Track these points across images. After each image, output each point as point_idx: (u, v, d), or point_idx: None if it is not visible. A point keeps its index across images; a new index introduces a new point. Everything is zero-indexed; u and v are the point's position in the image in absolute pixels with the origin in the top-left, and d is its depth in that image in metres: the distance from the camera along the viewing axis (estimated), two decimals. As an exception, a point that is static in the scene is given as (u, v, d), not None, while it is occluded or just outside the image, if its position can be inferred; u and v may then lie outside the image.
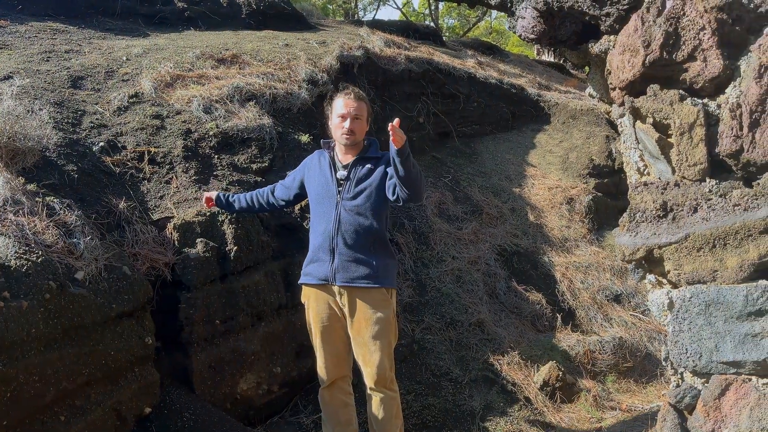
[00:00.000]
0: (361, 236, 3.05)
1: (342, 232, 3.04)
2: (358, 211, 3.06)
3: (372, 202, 3.08)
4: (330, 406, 3.17)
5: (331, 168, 3.17)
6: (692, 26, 2.04)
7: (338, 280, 3.03)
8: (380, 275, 3.05)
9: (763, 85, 1.94)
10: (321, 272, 3.09)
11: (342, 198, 3.08)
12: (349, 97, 3.12)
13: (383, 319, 3.03)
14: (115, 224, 3.53)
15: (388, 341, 3.07)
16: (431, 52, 8.02)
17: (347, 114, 3.09)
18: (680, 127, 2.06)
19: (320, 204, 3.14)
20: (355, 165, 3.14)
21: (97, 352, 2.91)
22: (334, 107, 3.19)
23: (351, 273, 3.02)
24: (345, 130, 3.09)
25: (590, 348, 4.77)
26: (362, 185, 3.09)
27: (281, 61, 5.75)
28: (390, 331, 3.07)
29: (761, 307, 1.89)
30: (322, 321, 3.14)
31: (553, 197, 6.55)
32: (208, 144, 4.39)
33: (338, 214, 3.06)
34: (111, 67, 4.98)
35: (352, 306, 3.05)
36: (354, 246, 3.04)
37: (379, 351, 3.02)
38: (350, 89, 3.18)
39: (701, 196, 2.02)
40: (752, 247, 1.91)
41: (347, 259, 3.03)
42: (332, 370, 3.14)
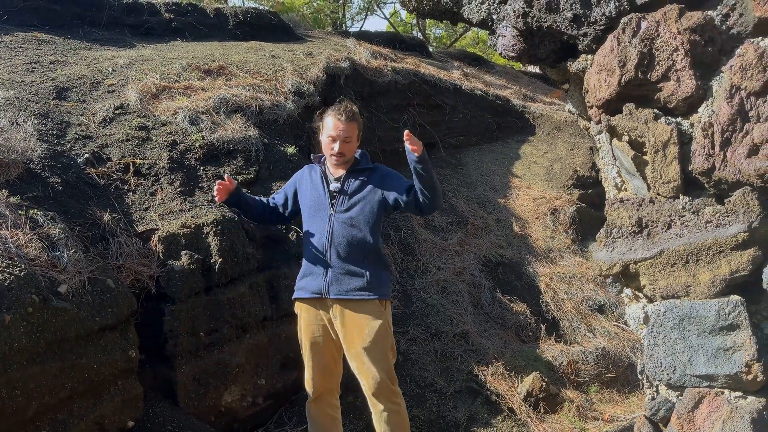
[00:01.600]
0: (355, 248, 3.05)
1: (335, 244, 3.05)
2: (352, 224, 3.06)
3: (365, 215, 3.09)
4: (316, 420, 3.17)
5: (323, 181, 3.18)
6: (666, 47, 2.10)
7: (332, 293, 3.03)
8: (373, 287, 3.04)
9: (734, 105, 2.00)
10: (314, 285, 3.08)
11: (335, 211, 3.09)
12: (339, 118, 3.08)
13: (376, 330, 3.00)
14: (100, 237, 3.53)
15: (383, 353, 3.03)
16: (417, 64, 8.09)
17: (337, 137, 3.08)
18: (655, 145, 2.12)
19: (313, 217, 3.14)
20: (348, 177, 3.15)
21: (79, 366, 2.90)
22: (324, 125, 3.16)
23: (344, 285, 3.03)
24: (334, 152, 3.10)
25: (574, 358, 4.81)
26: (355, 198, 3.10)
27: (268, 72, 5.78)
28: (385, 343, 3.04)
29: (733, 321, 1.94)
30: (312, 334, 3.13)
31: (538, 208, 6.62)
32: (194, 155, 4.40)
33: (331, 227, 3.07)
34: (97, 78, 4.99)
35: (344, 318, 3.04)
36: (347, 258, 3.04)
37: (372, 362, 2.99)
38: (342, 108, 3.12)
39: (675, 212, 2.07)
40: (724, 263, 1.96)
41: (340, 271, 3.04)
42: (319, 384, 3.13)
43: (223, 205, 4.13)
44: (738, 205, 1.95)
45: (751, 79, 1.98)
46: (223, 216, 3.95)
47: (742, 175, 1.96)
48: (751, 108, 1.98)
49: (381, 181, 3.14)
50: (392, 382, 3.08)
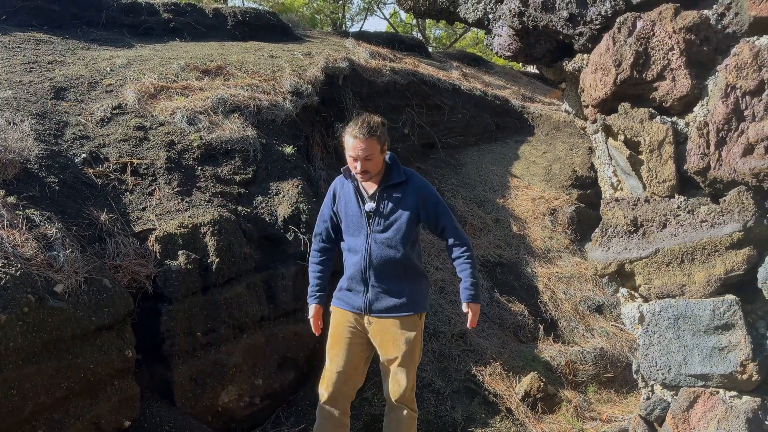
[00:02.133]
0: (393, 268, 3.05)
1: (374, 265, 3.04)
2: (389, 244, 3.04)
3: (402, 234, 3.05)
4: (326, 422, 3.15)
5: (358, 199, 3.13)
6: (661, 46, 2.09)
7: (373, 311, 3.06)
8: (411, 303, 3.07)
9: (729, 105, 2.00)
10: (356, 302, 3.11)
11: (372, 231, 3.07)
12: (357, 139, 2.95)
13: (411, 341, 3.05)
14: (97, 236, 3.53)
15: (413, 361, 3.10)
16: (416, 64, 8.08)
17: (357, 157, 2.98)
18: (650, 145, 2.11)
19: (352, 235, 3.13)
20: (382, 196, 3.08)
21: (76, 366, 2.90)
22: (345, 144, 3.06)
23: (385, 303, 3.05)
24: (358, 171, 3.03)
25: (572, 359, 4.81)
26: (392, 218, 3.06)
27: (266, 72, 5.78)
28: (416, 352, 3.11)
29: (728, 321, 1.93)
30: (343, 339, 3.13)
31: (537, 208, 6.61)
32: (192, 155, 4.40)
33: (369, 247, 3.05)
34: (95, 78, 4.99)
35: (382, 332, 3.08)
36: (386, 277, 3.05)
37: (402, 372, 3.06)
38: (359, 125, 2.97)
39: (670, 212, 2.07)
40: (719, 262, 1.95)
41: (380, 290, 3.06)
42: (338, 387, 3.11)
43: (221, 204, 4.14)
44: (733, 205, 1.95)
45: (747, 78, 1.97)
46: (221, 216, 3.95)
47: (738, 174, 1.95)
48: (747, 107, 1.97)
49: (417, 198, 3.08)
50: (412, 389, 3.15)
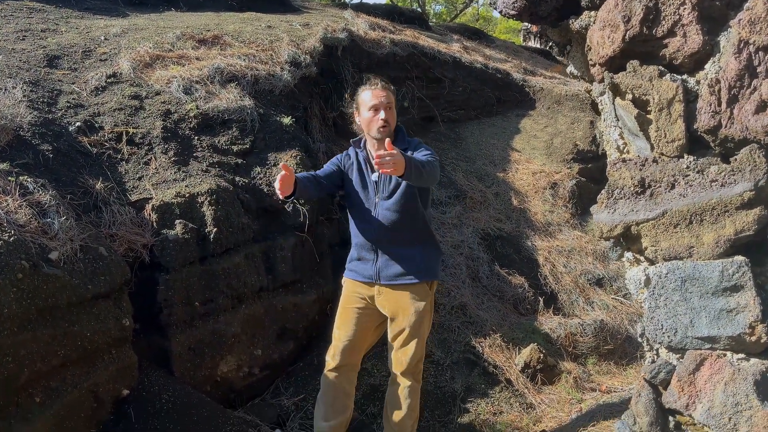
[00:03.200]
0: (402, 233, 3.04)
1: (383, 231, 3.03)
2: (396, 209, 3.03)
3: (408, 198, 3.04)
4: (331, 390, 3.15)
5: (366, 169, 3.13)
6: (672, 1, 2.03)
7: (383, 279, 3.04)
8: (422, 269, 3.05)
9: (742, 61, 1.93)
10: (366, 271, 3.09)
11: (379, 198, 3.06)
12: (376, 87, 3.04)
13: (420, 312, 3.03)
14: (92, 205, 3.47)
15: (422, 333, 3.08)
16: (416, 36, 7.96)
17: (379, 105, 2.99)
18: (659, 103, 2.05)
19: (359, 204, 3.10)
20: None
21: (72, 334, 2.86)
22: (362, 101, 3.09)
23: (395, 270, 3.03)
24: (380, 122, 3.00)
25: (571, 331, 4.79)
26: (398, 182, 3.04)
27: (264, 42, 5.67)
28: (425, 323, 3.09)
29: (737, 282, 1.89)
30: (352, 309, 3.13)
31: (537, 182, 6.56)
32: (188, 125, 4.32)
33: (377, 214, 3.04)
34: (88, 47, 4.89)
35: (392, 302, 3.06)
36: (396, 244, 3.04)
37: (412, 342, 3.04)
38: (375, 80, 3.08)
39: (679, 172, 2.02)
40: (728, 222, 1.91)
41: (390, 257, 3.03)
42: (345, 356, 3.11)
43: (218, 174, 4.08)
44: (744, 163, 1.90)
45: (760, 33, 1.91)
46: (218, 186, 3.89)
47: (750, 132, 1.90)
48: (760, 63, 1.91)
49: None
50: (420, 360, 3.13)
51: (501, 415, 3.88)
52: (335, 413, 3.14)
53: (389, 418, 3.18)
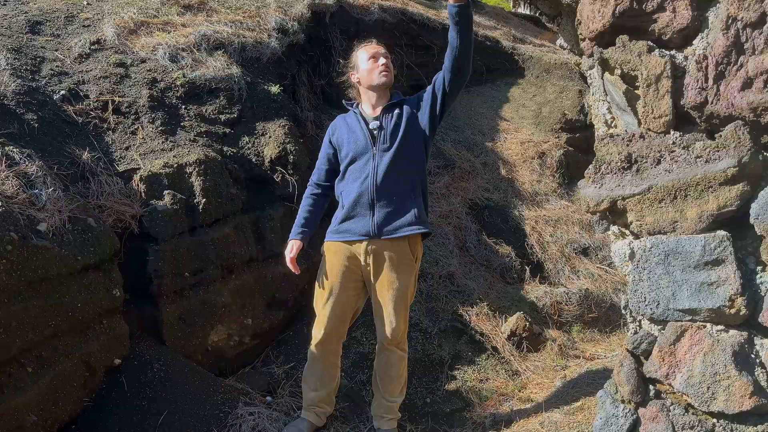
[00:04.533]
0: (401, 185, 3.02)
1: (381, 183, 2.99)
2: (396, 160, 3.01)
3: (409, 149, 3.04)
4: (318, 363, 3.19)
5: (361, 123, 3.12)
6: (663, -24, 2.02)
7: (382, 233, 2.99)
8: (419, 221, 3.04)
9: (730, 37, 1.94)
10: (361, 227, 3.02)
11: (378, 149, 3.02)
12: (371, 42, 3.20)
13: (405, 285, 3.05)
14: (79, 175, 3.45)
15: (406, 303, 3.10)
16: (405, 2, 7.84)
17: (378, 53, 3.11)
18: (647, 79, 2.06)
19: (355, 161, 3.06)
20: (385, 113, 3.09)
21: (63, 305, 2.88)
22: (358, 58, 3.18)
23: (393, 222, 2.99)
24: (381, 66, 3.07)
25: (557, 299, 4.88)
26: (396, 132, 3.03)
27: (250, 8, 5.57)
28: (409, 293, 3.11)
29: (718, 256, 1.94)
30: (340, 279, 3.10)
31: (525, 152, 6.58)
32: (175, 94, 4.28)
33: (376, 166, 3.00)
34: (71, 12, 4.78)
35: (378, 266, 3.03)
36: (395, 195, 3.00)
37: (397, 313, 3.05)
38: (369, 40, 3.25)
39: (665, 148, 2.04)
40: (712, 198, 1.94)
41: (389, 209, 2.99)
42: (331, 329, 3.12)
43: (206, 144, 4.06)
44: (729, 140, 1.93)
45: (748, 9, 1.91)
46: (206, 156, 3.88)
47: (735, 108, 1.92)
48: (747, 40, 1.92)
49: (413, 106, 3.11)
50: (405, 330, 3.16)
51: (487, 382, 3.97)
52: (323, 384, 3.20)
53: (378, 387, 3.25)
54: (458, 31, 2.90)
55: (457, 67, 2.98)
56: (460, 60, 2.95)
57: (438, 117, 3.09)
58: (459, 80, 3.02)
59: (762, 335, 1.95)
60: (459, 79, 3.02)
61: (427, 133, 3.09)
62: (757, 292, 1.93)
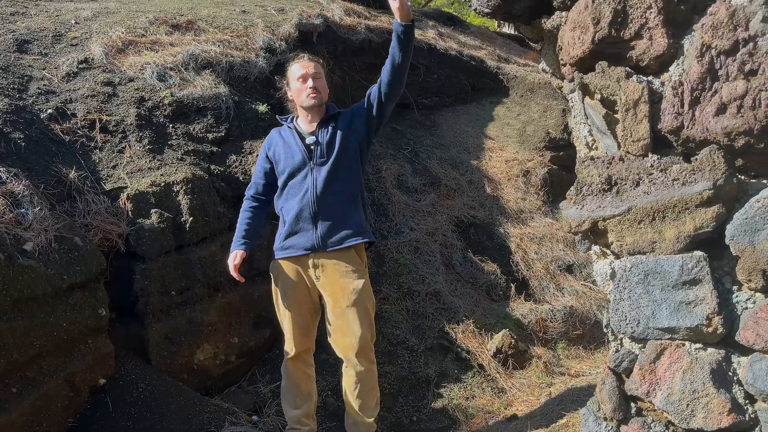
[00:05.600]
0: (341, 197, 3.04)
1: (321, 197, 3.00)
2: (334, 172, 3.03)
3: (346, 161, 3.06)
4: (293, 378, 3.18)
5: (296, 138, 3.12)
6: (640, 5, 2.09)
7: (325, 245, 3.00)
8: (362, 230, 3.07)
9: (704, 64, 2.01)
10: (305, 242, 3.03)
11: (315, 163, 3.04)
12: (303, 59, 3.16)
13: (360, 288, 3.02)
14: (66, 194, 3.46)
15: (366, 309, 3.05)
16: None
17: (307, 74, 3.08)
18: (626, 104, 2.13)
19: (293, 176, 3.08)
20: (320, 127, 3.11)
21: (48, 324, 2.88)
22: (291, 75, 3.17)
23: (336, 234, 3.00)
24: (309, 89, 3.06)
25: (542, 316, 4.92)
26: (333, 145, 3.06)
27: (238, 28, 5.63)
28: (367, 298, 3.07)
29: (695, 276, 1.99)
30: (294, 293, 3.10)
31: (510, 170, 6.66)
32: (163, 113, 4.30)
33: (314, 180, 3.02)
34: (59, 31, 4.81)
35: (329, 277, 3.03)
36: (335, 208, 3.02)
37: (358, 320, 3.00)
38: (302, 54, 3.23)
39: (643, 170, 2.10)
40: (689, 219, 2.00)
41: (331, 222, 3.01)
42: (299, 343, 3.12)
43: (194, 163, 4.08)
44: (704, 163, 1.99)
45: (722, 37, 1.99)
46: (194, 174, 3.89)
47: (710, 133, 1.98)
48: (721, 67, 1.99)
49: (347, 119, 3.13)
50: (372, 338, 3.10)
51: (473, 400, 3.99)
52: (303, 399, 3.18)
53: (352, 406, 3.12)
54: (401, 48, 3.00)
55: (395, 81, 3.07)
56: (399, 74, 3.04)
57: (374, 128, 3.15)
58: (394, 93, 3.11)
59: (739, 353, 2.00)
60: (394, 92, 3.11)
61: (364, 144, 3.14)
62: (733, 311, 1.98)
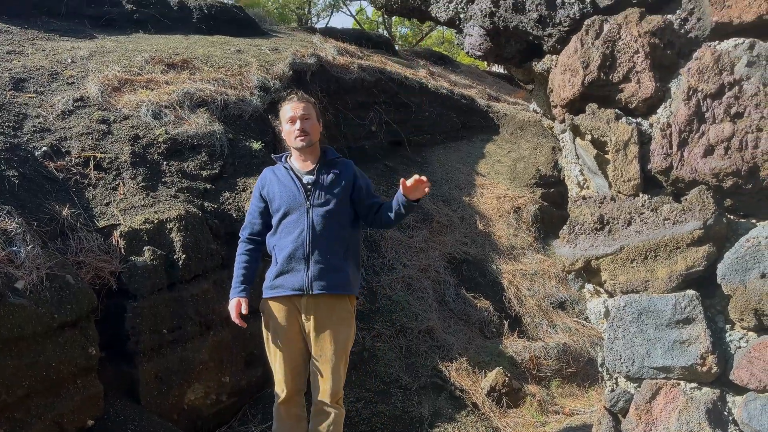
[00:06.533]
0: (335, 242, 3.03)
1: (316, 239, 2.99)
2: (332, 217, 3.03)
3: (343, 209, 3.08)
4: (286, 422, 3.11)
5: (293, 177, 3.11)
6: (627, 49, 2.16)
7: (315, 288, 2.97)
8: (352, 283, 3.07)
9: (691, 107, 2.07)
10: (295, 282, 2.99)
11: (312, 204, 3.03)
12: (293, 101, 3.15)
13: (346, 337, 3.04)
14: (59, 231, 3.45)
15: (347, 358, 3.07)
16: (384, 62, 8.10)
17: (295, 116, 3.08)
18: (616, 145, 2.17)
19: (288, 215, 3.06)
20: (321, 170, 3.11)
21: (38, 364, 2.83)
22: (282, 116, 3.20)
23: (328, 280, 2.98)
24: (297, 132, 3.07)
25: (536, 354, 4.91)
26: (333, 190, 3.06)
27: (233, 67, 5.71)
28: (348, 347, 3.09)
29: (688, 315, 2.01)
30: (285, 334, 3.06)
31: (501, 206, 6.71)
32: (157, 150, 4.33)
33: (311, 221, 3.00)
34: (55, 70, 4.86)
35: (319, 321, 3.00)
36: (329, 253, 3.00)
37: (339, 368, 3.01)
38: (293, 94, 3.23)
39: (635, 210, 2.13)
40: (680, 258, 2.02)
41: (323, 266, 2.98)
42: (291, 385, 3.07)
43: (187, 200, 4.09)
44: (694, 203, 2.02)
45: (708, 81, 2.05)
46: (187, 212, 3.90)
47: (698, 174, 2.03)
48: (708, 110, 2.05)
49: (356, 180, 3.15)
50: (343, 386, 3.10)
51: (467, 440, 3.94)
52: None
53: None
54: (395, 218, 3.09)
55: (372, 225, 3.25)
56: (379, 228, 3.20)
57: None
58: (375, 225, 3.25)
59: (733, 392, 2.00)
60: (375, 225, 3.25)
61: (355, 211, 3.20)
62: (727, 350, 1.99)
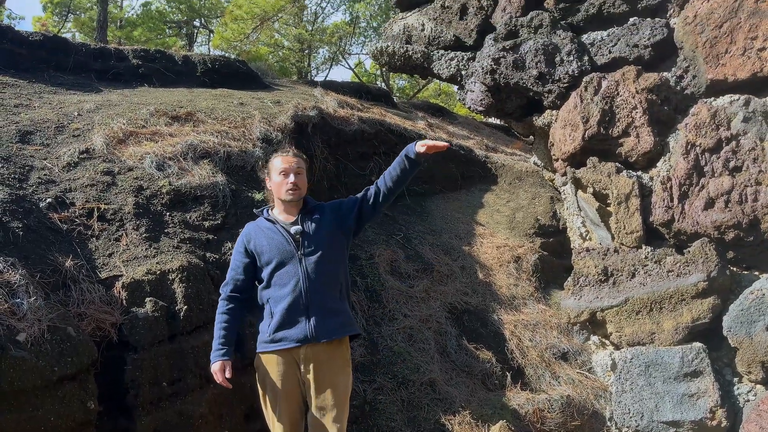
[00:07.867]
0: (331, 287, 3.02)
1: (312, 287, 2.96)
2: (324, 262, 3.02)
3: (335, 251, 3.08)
4: None
5: (280, 229, 3.10)
6: (626, 105, 2.22)
7: (319, 336, 2.93)
8: (352, 322, 3.07)
9: (690, 161, 2.12)
10: (298, 333, 2.94)
11: (304, 254, 3.02)
12: (287, 154, 3.17)
13: (345, 385, 3.00)
14: (61, 283, 3.44)
15: (347, 406, 3.02)
16: (383, 114, 8.25)
17: (289, 169, 3.09)
18: (617, 197, 2.21)
19: (280, 267, 3.03)
20: (305, 219, 3.12)
21: (36, 418, 2.79)
22: (272, 167, 3.18)
23: (330, 326, 2.95)
24: (290, 185, 3.07)
25: (539, 407, 4.82)
26: (319, 235, 3.06)
27: (236, 119, 5.82)
28: (349, 394, 3.04)
29: (696, 368, 2.00)
30: (283, 388, 3.00)
31: (501, 256, 6.72)
32: (160, 201, 4.36)
33: (305, 270, 2.98)
34: (61, 122, 4.94)
35: (318, 370, 2.96)
36: (327, 298, 2.99)
37: (341, 418, 2.95)
38: (286, 148, 3.29)
39: (638, 262, 2.16)
40: (686, 310, 2.04)
41: (324, 313, 2.96)
42: None
43: (189, 251, 4.10)
44: (697, 256, 2.05)
45: (705, 136, 2.10)
46: (189, 263, 3.90)
47: (700, 227, 2.06)
48: (706, 163, 2.10)
49: (334, 212, 3.17)
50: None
51: (472, 497, 3.84)
52: None
53: None
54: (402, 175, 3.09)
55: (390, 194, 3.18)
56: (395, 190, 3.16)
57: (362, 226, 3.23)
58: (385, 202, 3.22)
59: (745, 447, 1.98)
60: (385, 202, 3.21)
61: (349, 238, 3.20)
62: (735, 404, 1.98)
